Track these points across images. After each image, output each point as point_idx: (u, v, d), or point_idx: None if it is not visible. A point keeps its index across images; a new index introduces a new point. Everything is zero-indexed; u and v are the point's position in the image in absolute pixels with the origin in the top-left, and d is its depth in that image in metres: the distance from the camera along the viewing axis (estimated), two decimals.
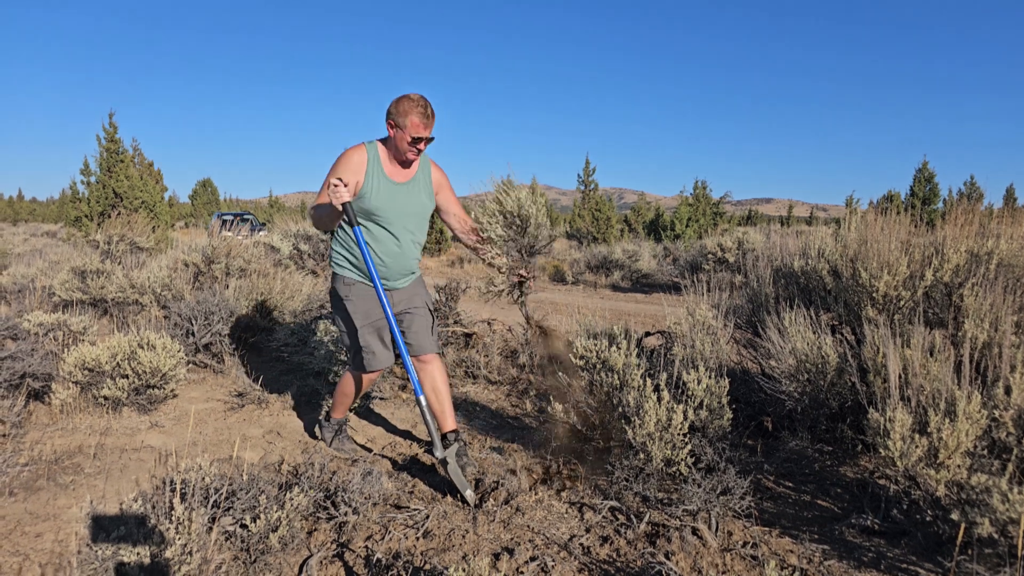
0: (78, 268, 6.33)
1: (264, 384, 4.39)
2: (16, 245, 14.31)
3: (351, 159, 2.92)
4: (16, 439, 3.29)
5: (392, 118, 2.88)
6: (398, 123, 2.86)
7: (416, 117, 2.83)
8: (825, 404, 3.00)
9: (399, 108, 2.85)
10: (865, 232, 3.26)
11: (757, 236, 11.60)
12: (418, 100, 2.86)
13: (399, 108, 2.85)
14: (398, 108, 2.86)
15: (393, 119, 2.87)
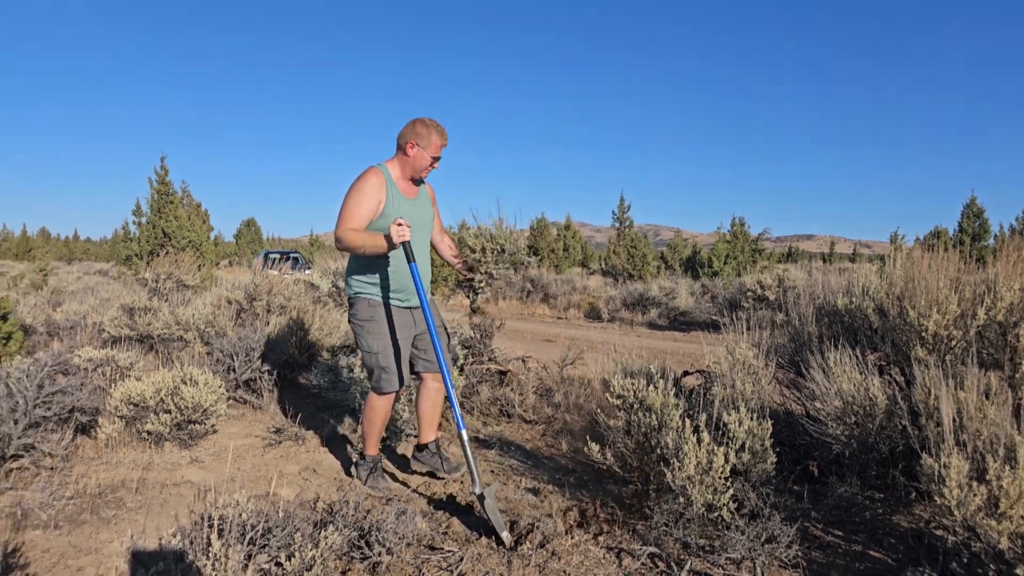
0: (127, 305, 6.52)
1: (301, 420, 4.42)
2: (70, 283, 14.84)
3: (372, 181, 3.12)
4: (63, 472, 3.35)
5: (412, 139, 3.14)
6: (420, 144, 3.15)
7: (437, 137, 3.16)
8: (875, 448, 2.88)
9: (420, 130, 3.15)
10: (912, 269, 3.17)
11: (798, 273, 11.39)
12: (436, 123, 3.18)
13: (420, 130, 3.15)
14: (418, 130, 3.15)
15: (414, 140, 3.14)
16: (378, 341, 3.23)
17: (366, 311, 3.23)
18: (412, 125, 3.17)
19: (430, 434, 3.50)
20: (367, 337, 3.24)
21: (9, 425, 3.28)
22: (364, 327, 3.24)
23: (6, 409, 3.34)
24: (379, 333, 3.23)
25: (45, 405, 3.51)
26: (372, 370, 3.28)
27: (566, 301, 15.90)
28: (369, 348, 3.24)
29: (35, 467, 3.33)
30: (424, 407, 3.48)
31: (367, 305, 3.23)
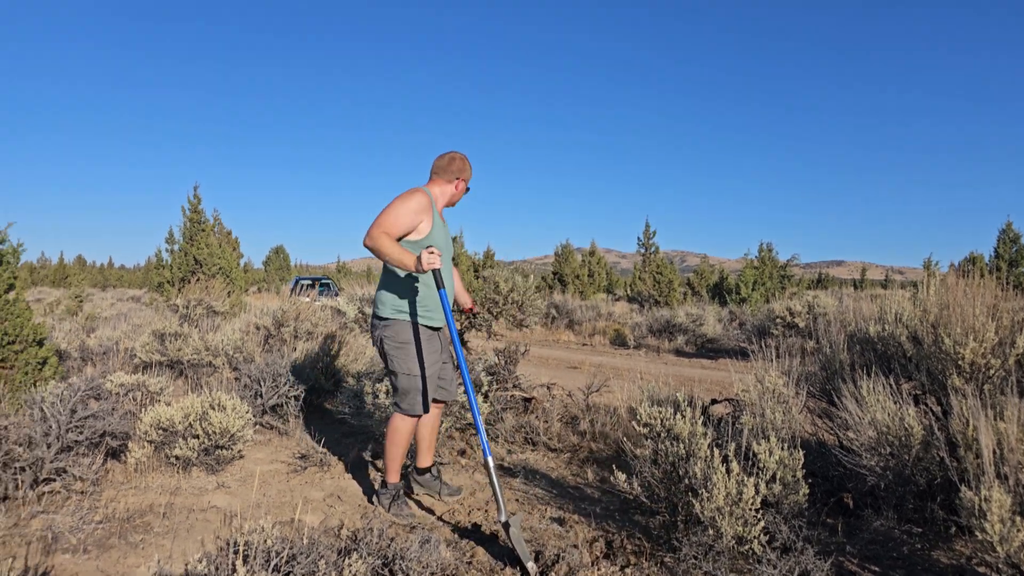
0: (158, 331, 6.64)
1: (326, 446, 4.42)
2: (104, 309, 15.17)
3: (422, 200, 3.25)
4: (93, 496, 3.39)
5: (456, 173, 3.41)
6: (462, 176, 3.43)
7: (469, 170, 3.48)
8: (911, 480, 2.80)
9: (458, 164, 3.42)
10: (946, 296, 3.11)
11: (828, 300, 11.20)
12: (464, 156, 3.47)
13: (458, 164, 3.42)
14: (456, 164, 3.41)
15: (454, 173, 3.41)
16: (416, 364, 3.30)
17: (405, 333, 3.30)
18: (455, 160, 3.40)
19: (428, 458, 3.62)
20: (406, 359, 3.29)
21: (42, 449, 3.34)
22: (403, 349, 3.29)
23: (40, 433, 3.41)
24: (419, 355, 3.31)
25: (77, 429, 3.57)
26: (407, 392, 3.30)
27: (591, 327, 15.82)
28: (408, 370, 3.29)
29: (66, 491, 3.38)
30: (423, 432, 3.57)
31: (406, 327, 3.31)
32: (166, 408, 3.91)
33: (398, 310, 3.31)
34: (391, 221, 3.13)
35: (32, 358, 4.69)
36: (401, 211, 3.16)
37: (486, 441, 3.04)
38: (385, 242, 3.06)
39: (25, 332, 4.68)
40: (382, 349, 3.37)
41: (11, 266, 4.76)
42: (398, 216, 3.15)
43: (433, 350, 3.37)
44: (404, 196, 3.22)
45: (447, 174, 3.40)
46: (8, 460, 3.25)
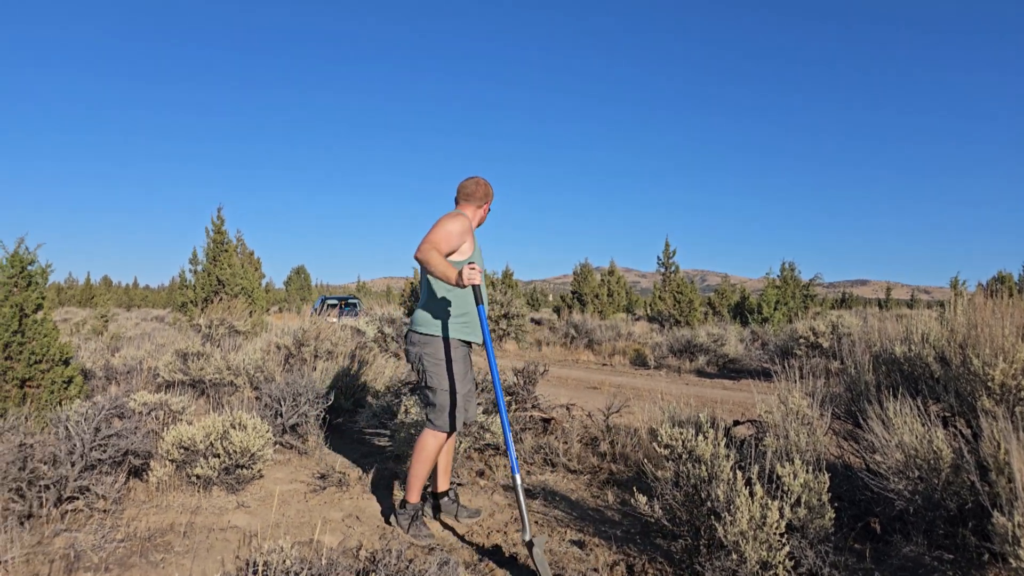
0: (181, 351, 6.72)
1: (345, 466, 4.43)
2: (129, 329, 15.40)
3: (465, 223, 3.41)
4: (115, 515, 3.42)
5: (479, 199, 3.58)
6: (486, 200, 3.62)
7: (492, 194, 3.66)
8: (941, 505, 2.72)
9: (483, 190, 3.59)
10: (974, 316, 3.04)
11: (853, 320, 11.03)
12: (487, 181, 3.64)
13: (483, 190, 3.59)
14: (482, 189, 3.59)
15: (481, 199, 3.59)
16: (452, 381, 3.40)
17: (441, 351, 3.40)
18: (480, 185, 3.59)
19: (446, 482, 3.67)
20: (443, 375, 3.39)
21: (67, 467, 3.38)
22: (441, 365, 3.39)
23: (64, 451, 3.45)
24: (456, 372, 3.41)
25: (101, 448, 3.60)
26: (443, 408, 3.38)
27: (611, 347, 15.72)
28: (444, 386, 3.38)
29: (89, 509, 3.40)
30: (440, 455, 3.58)
31: (445, 343, 3.41)
32: (188, 427, 3.94)
33: (439, 326, 3.41)
34: (441, 238, 3.27)
35: (58, 377, 4.77)
36: (451, 229, 3.31)
37: (515, 458, 3.07)
38: (434, 256, 3.18)
39: (52, 351, 4.76)
40: (420, 365, 3.43)
41: (39, 287, 4.86)
42: (448, 235, 3.29)
43: (467, 368, 3.49)
44: (451, 217, 3.38)
45: (475, 200, 3.57)
46: (33, 478, 3.29)
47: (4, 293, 4.67)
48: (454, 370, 3.41)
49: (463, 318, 3.44)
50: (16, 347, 4.60)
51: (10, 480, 3.24)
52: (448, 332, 3.41)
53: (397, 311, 10.82)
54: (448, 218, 3.37)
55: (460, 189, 3.62)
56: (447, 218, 3.37)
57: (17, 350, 4.61)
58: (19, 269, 4.78)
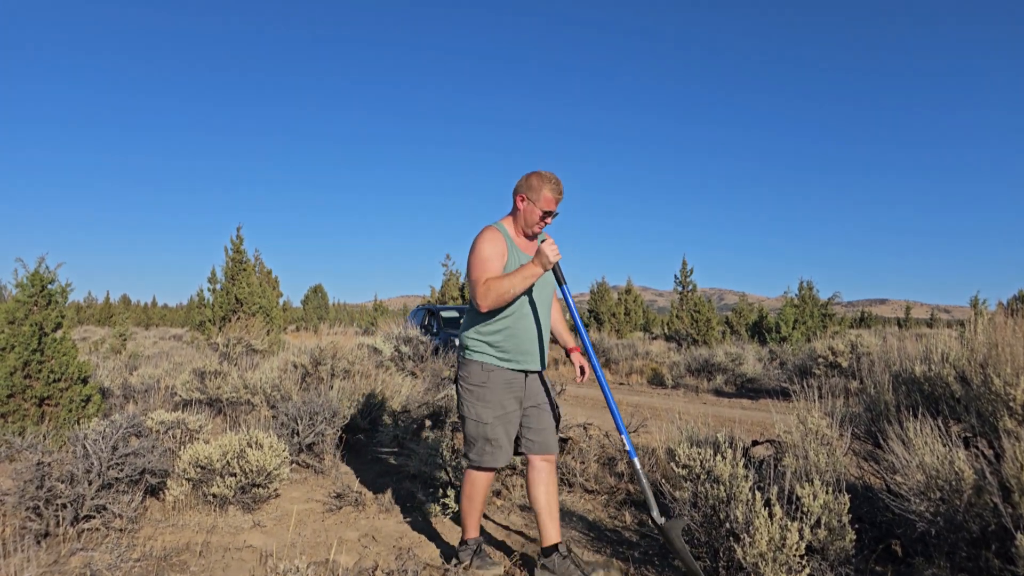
0: (198, 369, 6.78)
1: (362, 486, 4.43)
2: (147, 348, 15.56)
3: (496, 237, 2.97)
4: (131, 534, 3.44)
5: (523, 192, 2.99)
6: (530, 197, 2.98)
7: (549, 192, 2.96)
8: (964, 527, 2.67)
9: (532, 182, 2.98)
10: (995, 335, 3.00)
11: (872, 339, 10.90)
12: (550, 175, 2.99)
13: (532, 182, 2.98)
14: (531, 182, 2.98)
15: (524, 192, 2.99)
16: (488, 410, 2.96)
17: (479, 375, 2.99)
18: (526, 178, 3.02)
19: (554, 533, 3.02)
20: (476, 404, 2.98)
21: (84, 486, 3.41)
22: (474, 392, 2.99)
23: (81, 470, 3.48)
24: (491, 401, 2.97)
25: (118, 467, 3.63)
26: (475, 441, 3.00)
27: (628, 366, 15.64)
28: (478, 416, 2.98)
29: (105, 528, 3.43)
30: (539, 496, 3.03)
31: (480, 369, 2.99)
32: (205, 446, 3.97)
33: (476, 348, 3.02)
34: (485, 267, 2.89)
35: (76, 395, 4.83)
36: (486, 254, 2.91)
37: (630, 442, 2.93)
38: (499, 284, 2.83)
39: (70, 370, 4.83)
40: (456, 390, 3.12)
41: (59, 305, 4.94)
42: (487, 259, 2.90)
43: (512, 396, 3.01)
44: (477, 243, 2.96)
45: (515, 195, 3.05)
46: (50, 497, 3.32)
47: (24, 312, 4.75)
48: (497, 399, 2.97)
49: (503, 344, 2.98)
50: (35, 366, 4.68)
51: (27, 499, 3.28)
52: (485, 356, 3.00)
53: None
54: (474, 248, 2.96)
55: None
56: (473, 249, 2.96)
57: (36, 368, 4.68)
58: (39, 288, 4.87)
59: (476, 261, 2.91)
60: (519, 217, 3.04)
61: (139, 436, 4.18)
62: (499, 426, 2.97)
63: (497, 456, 2.98)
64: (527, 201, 2.99)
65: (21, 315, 4.73)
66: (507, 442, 3.01)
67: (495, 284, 2.83)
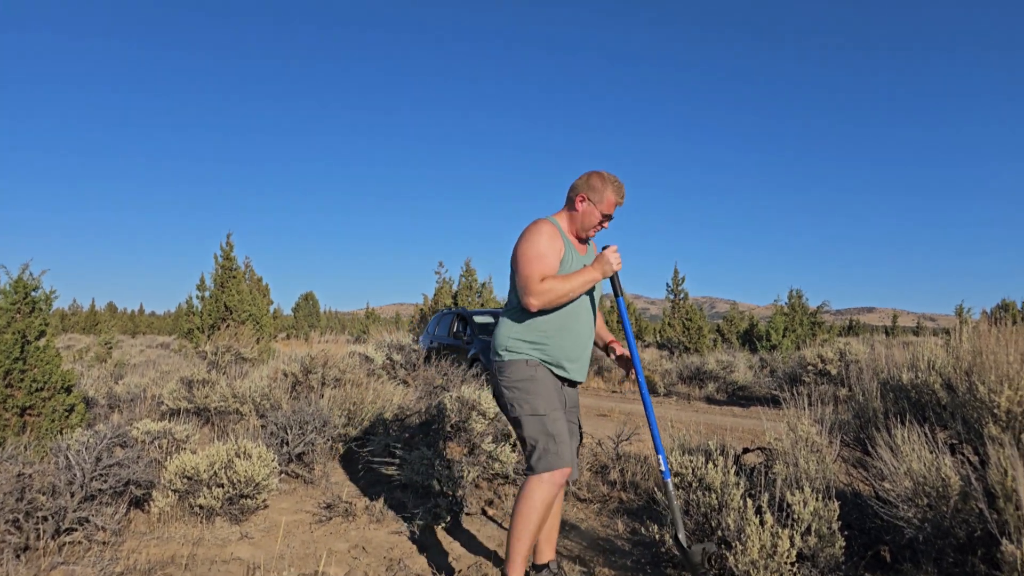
0: (186, 378, 6.73)
1: (352, 496, 4.40)
2: (133, 356, 15.45)
3: (555, 233, 2.74)
4: (115, 547, 3.39)
5: (584, 192, 2.80)
6: (591, 198, 2.80)
7: (612, 194, 2.80)
8: (951, 533, 2.69)
9: (594, 183, 2.80)
10: (979, 343, 3.04)
11: (860, 347, 10.97)
12: (614, 178, 2.83)
13: (594, 183, 2.80)
14: (593, 183, 2.80)
15: (586, 193, 2.80)
16: (544, 401, 2.66)
17: (523, 370, 2.71)
18: (587, 177, 2.82)
19: (549, 551, 2.93)
20: (529, 397, 2.67)
21: (66, 498, 3.35)
22: (522, 387, 2.69)
23: (64, 482, 3.43)
24: (543, 393, 2.68)
25: (102, 478, 3.58)
26: (537, 441, 2.62)
27: (621, 374, 15.65)
28: (533, 409, 2.65)
29: (88, 541, 3.37)
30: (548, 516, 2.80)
31: (524, 365, 2.72)
32: (191, 456, 3.94)
33: (518, 350, 2.74)
34: (540, 265, 2.64)
35: (59, 405, 4.78)
36: (539, 249, 2.65)
37: (666, 459, 2.79)
38: (555, 285, 2.62)
39: (54, 379, 4.78)
40: (500, 397, 2.77)
41: (43, 313, 4.89)
42: (542, 255, 2.65)
43: (559, 398, 2.77)
44: (528, 235, 2.71)
45: (574, 194, 2.83)
46: (31, 509, 3.26)
47: (7, 319, 4.70)
48: (549, 391, 2.70)
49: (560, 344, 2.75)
50: (17, 375, 4.62)
51: (7, 511, 3.20)
52: (528, 354, 2.73)
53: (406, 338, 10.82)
54: (524, 242, 2.69)
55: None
56: (524, 242, 2.69)
57: (18, 377, 4.63)
58: (23, 295, 4.82)
59: (532, 255, 2.64)
60: (576, 218, 2.84)
61: (124, 447, 4.14)
62: (560, 418, 2.68)
63: (563, 453, 2.61)
64: (588, 202, 2.80)
65: (3, 323, 4.67)
66: (568, 438, 2.69)
67: (555, 284, 2.62)
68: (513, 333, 2.76)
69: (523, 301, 2.64)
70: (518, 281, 2.66)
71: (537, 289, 2.60)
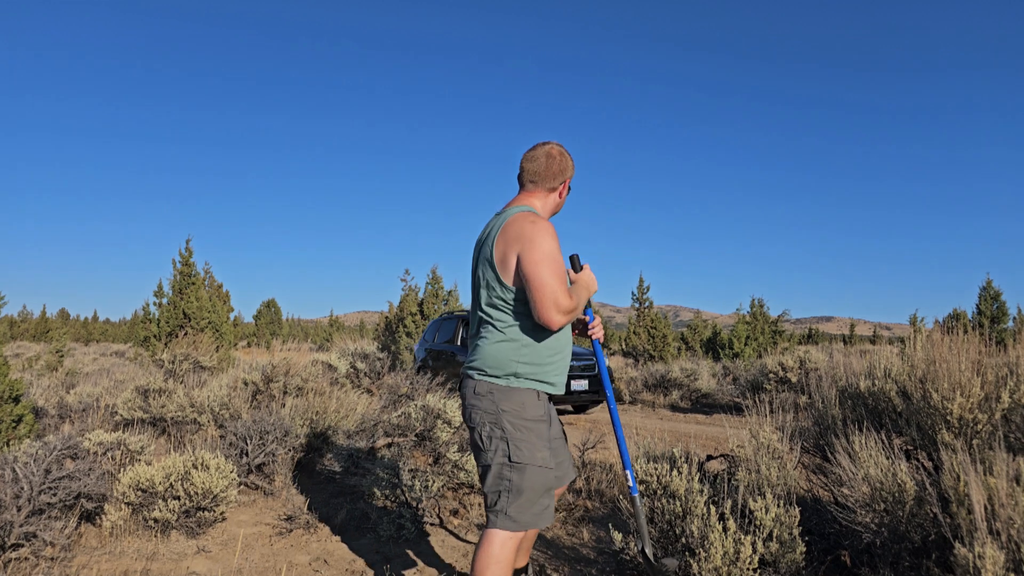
0: (142, 387, 6.56)
1: (313, 507, 4.33)
2: (86, 364, 15.00)
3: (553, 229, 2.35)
4: (63, 563, 3.27)
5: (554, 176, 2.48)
6: (564, 177, 2.50)
7: (573, 166, 2.54)
8: (906, 537, 2.76)
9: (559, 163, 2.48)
10: (933, 352, 3.13)
11: (819, 355, 11.22)
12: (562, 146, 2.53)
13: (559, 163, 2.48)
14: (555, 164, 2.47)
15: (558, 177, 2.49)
16: (548, 451, 2.35)
17: (534, 407, 2.35)
18: (553, 157, 2.47)
19: (524, 557, 2.77)
20: (536, 445, 2.31)
21: (12, 512, 3.22)
22: (531, 428, 2.32)
23: (10, 495, 3.30)
24: (546, 439, 2.38)
25: (51, 491, 3.46)
26: (533, 496, 2.29)
27: None
28: (543, 461, 2.31)
29: (35, 557, 3.25)
30: None
31: (536, 398, 2.36)
32: (146, 468, 3.82)
33: (527, 376, 2.34)
34: (562, 271, 2.29)
35: (6, 415, 4.61)
36: (556, 251, 2.28)
37: (634, 475, 2.63)
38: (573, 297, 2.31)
39: (0, 389, 4.61)
40: (491, 431, 2.32)
41: None
42: (559, 263, 2.29)
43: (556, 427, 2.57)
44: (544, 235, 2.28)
45: (550, 180, 2.47)
46: None
47: None
48: (549, 436, 2.41)
49: (558, 358, 2.41)
50: None
51: None
52: (535, 380, 2.35)
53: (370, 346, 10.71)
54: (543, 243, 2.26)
55: (527, 168, 2.48)
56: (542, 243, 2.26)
57: None
58: None
59: (550, 260, 2.25)
60: (550, 205, 2.51)
61: (75, 458, 4.00)
62: (551, 473, 2.36)
63: (551, 509, 2.36)
64: (563, 186, 2.51)
65: None
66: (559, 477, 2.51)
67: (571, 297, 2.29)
68: (521, 355, 2.34)
69: (544, 317, 2.23)
70: (537, 293, 2.22)
71: (567, 305, 2.25)
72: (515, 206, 2.44)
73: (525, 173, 2.48)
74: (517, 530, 2.26)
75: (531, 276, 2.24)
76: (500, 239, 2.33)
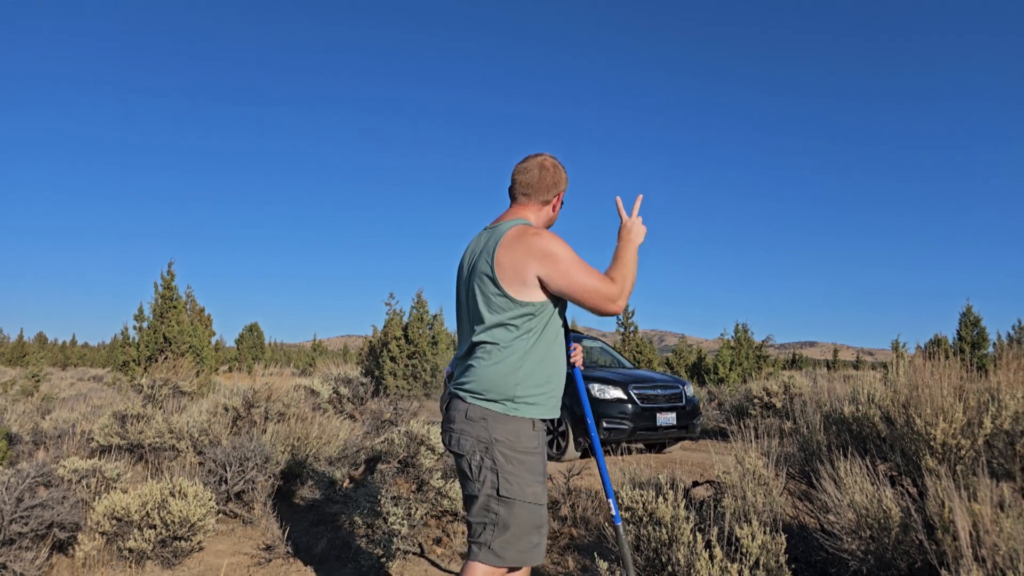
0: (119, 413, 6.43)
1: (293, 536, 4.24)
2: (63, 389, 14.74)
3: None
4: None
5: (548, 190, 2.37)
6: (559, 190, 2.40)
7: (567, 179, 2.45)
8: (893, 564, 2.75)
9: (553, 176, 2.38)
10: (915, 377, 3.16)
11: (803, 380, 11.29)
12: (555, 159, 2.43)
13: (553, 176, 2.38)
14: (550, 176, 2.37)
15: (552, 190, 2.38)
16: (542, 485, 2.20)
17: (530, 437, 2.19)
18: (557, 169, 2.39)
19: None
20: (530, 480, 2.16)
21: None
22: (526, 463, 2.16)
23: None
24: (541, 472, 2.21)
25: (22, 520, 3.37)
26: (525, 533, 2.14)
27: None
28: (535, 497, 2.15)
29: None
30: None
31: (532, 428, 2.20)
32: (122, 496, 3.74)
33: (527, 401, 2.19)
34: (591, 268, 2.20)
35: None
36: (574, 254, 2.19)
37: (616, 504, 2.51)
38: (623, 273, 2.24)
39: None
40: (481, 461, 2.15)
41: None
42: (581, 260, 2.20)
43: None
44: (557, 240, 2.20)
45: (543, 192, 2.36)
46: None
47: None
48: (543, 468, 2.24)
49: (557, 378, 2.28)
50: None
51: None
52: (535, 406, 2.21)
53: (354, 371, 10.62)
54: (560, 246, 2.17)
55: (519, 180, 2.37)
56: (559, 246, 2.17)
57: None
58: None
59: (575, 264, 2.16)
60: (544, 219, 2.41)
61: (48, 486, 3.91)
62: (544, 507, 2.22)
63: (541, 548, 2.19)
64: (556, 200, 2.41)
65: None
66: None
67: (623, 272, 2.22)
68: (519, 379, 2.17)
69: (605, 308, 2.16)
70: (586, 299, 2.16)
71: (614, 292, 2.17)
72: (509, 220, 2.32)
73: (517, 185, 2.37)
74: (500, 565, 2.12)
75: (569, 288, 2.16)
76: (503, 253, 2.18)
